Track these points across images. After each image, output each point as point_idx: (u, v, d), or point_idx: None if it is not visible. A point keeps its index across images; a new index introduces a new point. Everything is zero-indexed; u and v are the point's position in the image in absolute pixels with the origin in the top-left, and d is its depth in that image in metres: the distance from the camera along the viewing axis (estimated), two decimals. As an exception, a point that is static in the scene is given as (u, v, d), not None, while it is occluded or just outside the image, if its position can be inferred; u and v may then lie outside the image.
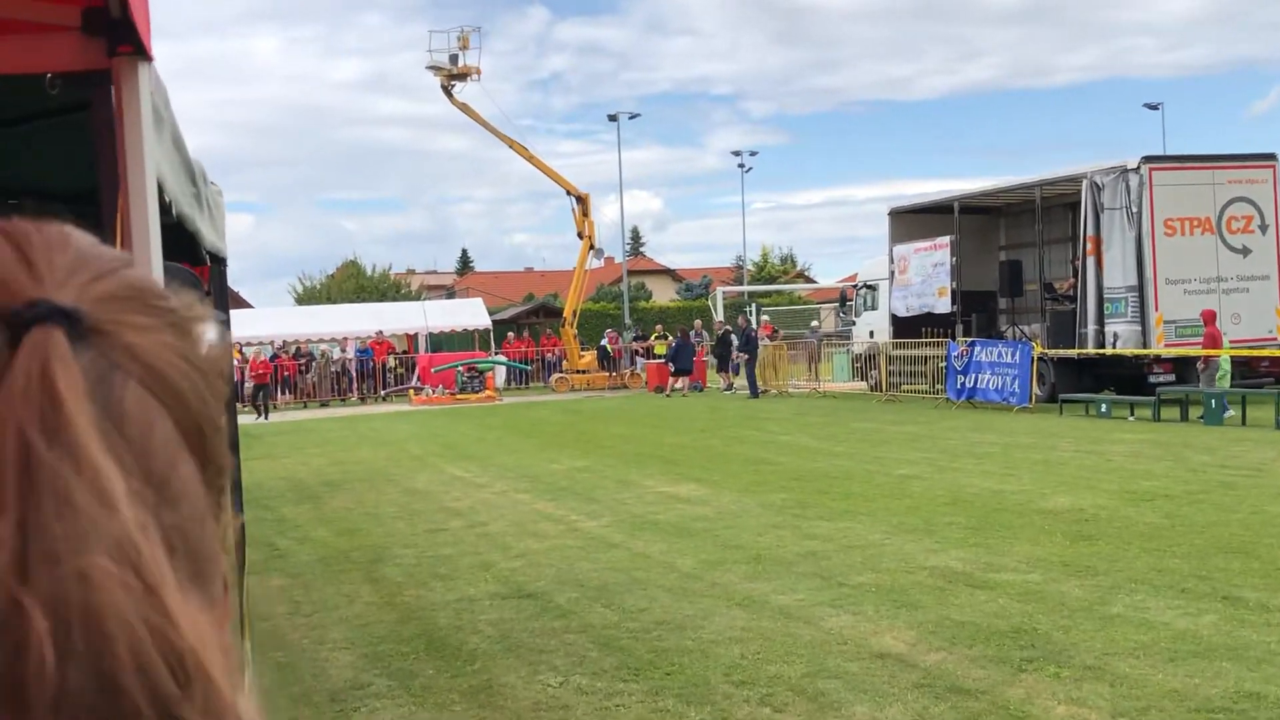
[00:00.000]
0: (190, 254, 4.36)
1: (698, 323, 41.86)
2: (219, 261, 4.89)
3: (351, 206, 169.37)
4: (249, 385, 32.31)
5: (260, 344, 40.38)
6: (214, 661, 0.55)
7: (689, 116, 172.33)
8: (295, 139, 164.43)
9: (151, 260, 1.93)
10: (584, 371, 40.12)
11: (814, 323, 45.44)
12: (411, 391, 37.37)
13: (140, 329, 0.58)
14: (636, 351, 42.38)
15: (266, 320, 42.72)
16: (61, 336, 0.54)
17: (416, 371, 39.21)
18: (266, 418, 31.49)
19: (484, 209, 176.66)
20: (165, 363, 0.58)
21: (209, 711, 0.54)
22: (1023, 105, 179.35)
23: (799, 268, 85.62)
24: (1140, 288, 23.25)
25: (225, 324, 5.03)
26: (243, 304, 54.14)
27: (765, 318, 45.55)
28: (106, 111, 1.83)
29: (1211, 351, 21.24)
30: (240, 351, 38.55)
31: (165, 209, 2.95)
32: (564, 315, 41.12)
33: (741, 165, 67.22)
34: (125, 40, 1.81)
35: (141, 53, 1.84)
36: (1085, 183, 24.21)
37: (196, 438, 0.60)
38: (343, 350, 40.93)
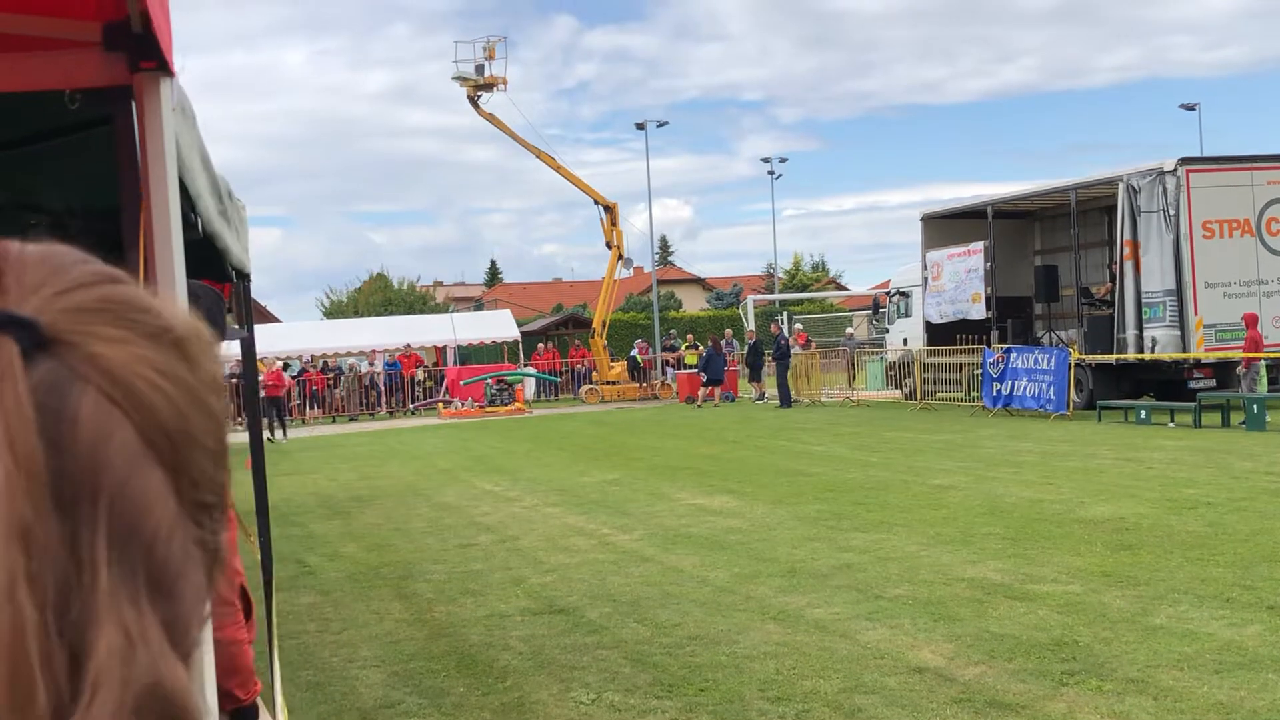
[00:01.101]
0: (217, 271, 4.38)
1: (728, 332, 41.83)
2: (243, 278, 4.91)
3: (380, 219, 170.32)
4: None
5: (288, 359, 40.58)
6: (116, 676, 0.56)
7: (718, 123, 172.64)
8: (323, 151, 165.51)
9: (176, 278, 1.93)
10: (614, 383, 40.14)
11: (849, 330, 45.31)
12: (440, 405, 37.45)
13: (108, 340, 0.60)
14: (667, 362, 42.38)
15: (294, 335, 42.91)
16: (11, 344, 0.57)
17: (445, 384, 39.31)
18: (282, 436, 28.88)
19: (513, 219, 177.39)
20: (133, 374, 0.60)
21: None
22: (1059, 107, 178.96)
23: (831, 275, 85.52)
24: (1179, 291, 23.08)
25: (249, 340, 5.01)
26: (270, 318, 54.47)
27: (798, 326, 45.46)
28: (129, 128, 1.84)
29: (1251, 355, 21.07)
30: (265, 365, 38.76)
31: (192, 226, 2.96)
32: (593, 326, 41.15)
33: (771, 172, 67.10)
34: (147, 56, 1.82)
35: (164, 68, 1.84)
36: (1121, 185, 24.07)
37: (166, 449, 0.61)
38: (370, 364, 41.06)
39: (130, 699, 0.56)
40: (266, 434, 25.35)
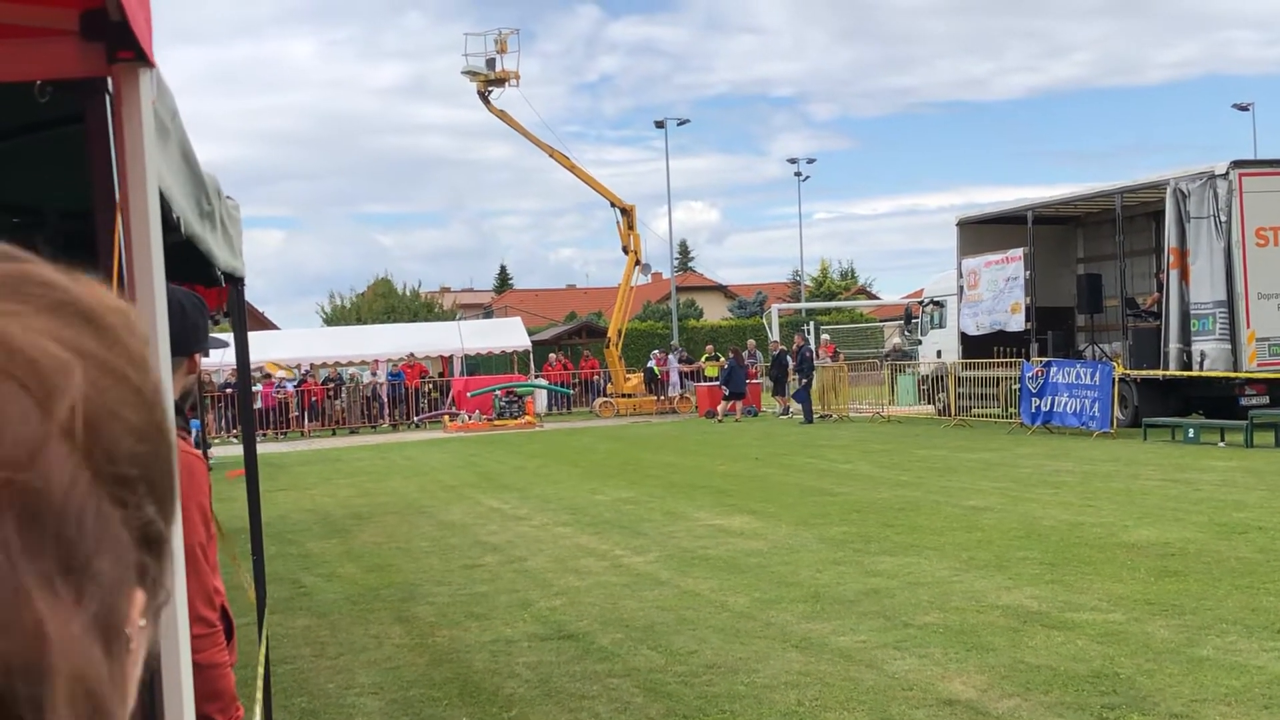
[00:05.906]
0: (203, 274, 4.39)
1: (751, 343, 41.77)
2: (236, 281, 4.92)
3: (388, 221, 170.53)
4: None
5: (289, 367, 40.64)
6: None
7: (748, 121, 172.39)
8: (329, 149, 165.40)
9: (155, 283, 1.93)
10: (630, 395, 40.14)
11: (896, 340, 45.10)
12: (446, 417, 37.49)
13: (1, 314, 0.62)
14: (686, 374, 42.33)
15: (292, 342, 43.04)
16: None
17: (451, 396, 39.36)
18: None
19: (529, 222, 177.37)
20: (27, 344, 0.61)
21: None
22: (1111, 105, 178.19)
23: (861, 283, 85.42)
24: (1230, 303, 22.98)
25: (244, 348, 5.01)
26: (267, 325, 54.60)
27: (826, 337, 45.38)
28: (101, 123, 1.84)
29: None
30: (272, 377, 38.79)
31: (174, 227, 2.96)
32: (608, 335, 41.15)
33: (798, 173, 67.16)
34: (125, 45, 1.82)
35: (142, 59, 1.84)
36: (1169, 190, 23.99)
37: (70, 417, 0.62)
38: (373, 374, 41.13)
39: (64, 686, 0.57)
40: None
